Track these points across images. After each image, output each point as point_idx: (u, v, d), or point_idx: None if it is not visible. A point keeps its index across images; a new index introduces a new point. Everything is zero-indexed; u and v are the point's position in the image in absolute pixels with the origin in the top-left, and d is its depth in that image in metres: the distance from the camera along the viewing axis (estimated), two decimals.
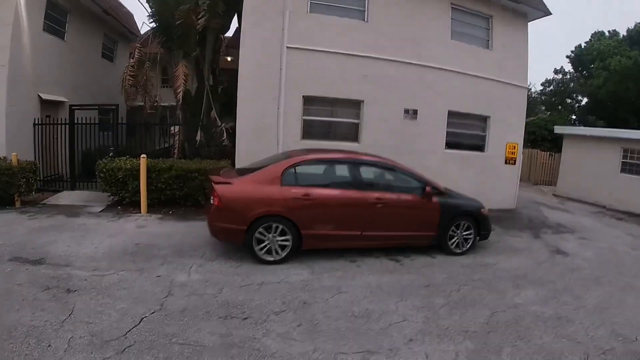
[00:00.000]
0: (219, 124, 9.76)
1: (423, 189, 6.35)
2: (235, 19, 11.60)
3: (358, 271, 5.74)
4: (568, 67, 27.77)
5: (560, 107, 26.87)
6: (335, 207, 5.91)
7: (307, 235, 5.73)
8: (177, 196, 8.17)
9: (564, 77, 28.22)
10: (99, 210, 8.22)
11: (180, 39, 9.85)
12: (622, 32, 25.90)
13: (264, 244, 5.58)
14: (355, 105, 9.48)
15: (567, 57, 27.88)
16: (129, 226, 7.20)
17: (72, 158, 10.16)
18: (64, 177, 10.27)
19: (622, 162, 14.39)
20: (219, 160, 8.84)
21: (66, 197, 9.24)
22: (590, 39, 25.77)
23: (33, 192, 8.72)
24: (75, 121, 9.98)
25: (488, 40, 10.92)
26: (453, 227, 6.53)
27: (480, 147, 11.19)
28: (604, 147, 14.86)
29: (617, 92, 21.17)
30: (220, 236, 5.76)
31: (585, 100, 25.04)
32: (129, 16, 15.97)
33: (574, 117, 25.54)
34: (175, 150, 9.99)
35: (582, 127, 17.75)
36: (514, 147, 11.57)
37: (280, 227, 5.58)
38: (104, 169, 8.09)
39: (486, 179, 10.66)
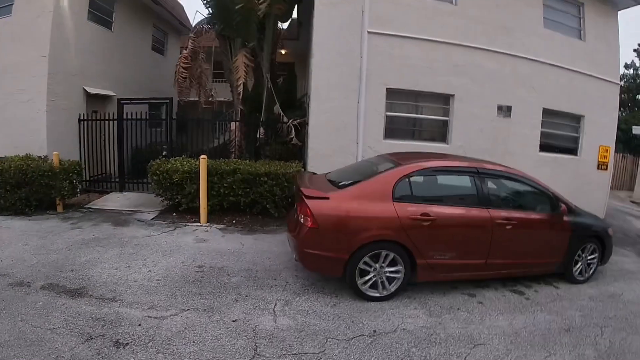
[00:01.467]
0: (285, 119, 8.63)
1: (554, 206, 5.24)
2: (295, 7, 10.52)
3: (483, 310, 4.59)
4: (637, 62, 25.69)
5: (631, 104, 24.86)
6: (458, 230, 4.68)
7: (423, 266, 4.52)
8: (242, 203, 7.07)
9: (637, 72, 25.94)
10: (151, 217, 7.25)
11: (239, 26, 8.73)
12: None
13: (368, 277, 4.41)
14: (443, 100, 8.20)
15: (635, 50, 26.04)
16: (187, 240, 6.14)
17: (120, 156, 9.26)
18: (111, 177, 9.42)
19: None
20: (286, 161, 7.70)
21: (114, 200, 8.36)
22: None
23: (78, 194, 7.94)
24: (125, 116, 9.08)
25: (580, 30, 9.60)
26: (579, 252, 5.50)
27: (572, 150, 9.96)
28: None
29: None
30: (311, 266, 4.54)
31: None
32: (180, 7, 15.19)
33: None
34: (234, 149, 8.93)
35: None
36: (607, 150, 10.31)
37: (391, 255, 4.39)
38: (158, 171, 7.10)
39: (579, 185, 9.35)
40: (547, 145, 9.38)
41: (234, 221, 7.12)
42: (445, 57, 7.84)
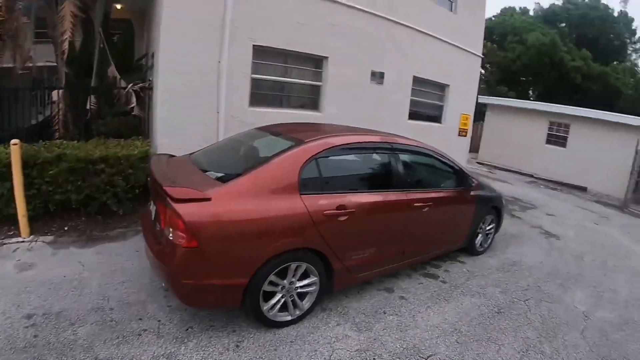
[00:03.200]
0: (123, 85, 6.57)
1: (464, 182, 4.81)
2: None
3: (409, 307, 3.89)
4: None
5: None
6: (377, 220, 3.71)
7: (340, 270, 3.46)
8: (74, 201, 5.05)
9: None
10: None
11: None
12: (530, 10, 27.58)
13: (275, 299, 3.18)
14: (317, 62, 7.13)
15: None
16: (6, 269, 3.89)
17: None
18: None
19: (548, 134, 14.93)
20: (126, 139, 5.80)
21: None
22: (500, 14, 26.96)
23: None
24: None
25: (452, 2, 9.73)
26: (480, 224, 5.30)
27: (437, 118, 10.20)
28: (531, 118, 15.48)
29: (531, 66, 22.22)
30: (194, 302, 3.04)
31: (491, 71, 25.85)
32: None
33: (482, 87, 26.35)
34: (57, 126, 6.59)
35: (509, 99, 18.42)
36: (467, 118, 10.99)
37: (303, 266, 3.22)
38: None
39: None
40: (415, 114, 9.27)
41: (66, 227, 4.97)
42: (322, 14, 6.77)
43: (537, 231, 7.39)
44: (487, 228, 5.52)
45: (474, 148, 16.97)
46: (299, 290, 3.26)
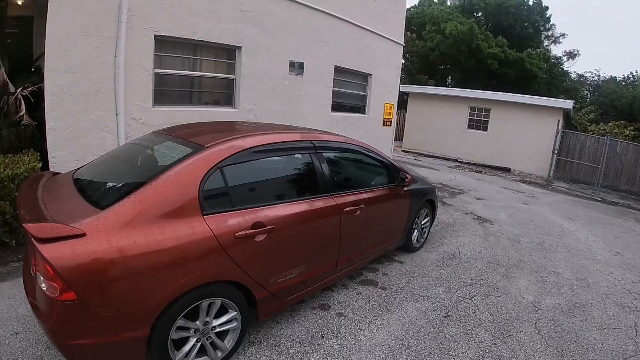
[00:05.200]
0: (12, 89, 5.46)
1: (395, 177, 4.39)
2: None
3: (350, 325, 3.44)
4: None
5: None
6: (303, 234, 3.15)
7: (265, 299, 2.90)
8: None
9: None
10: None
11: None
12: (448, 0, 28.19)
13: (190, 345, 2.55)
14: (229, 54, 6.40)
15: None
16: None
17: None
18: None
19: (469, 119, 15.39)
20: (16, 153, 4.84)
21: None
22: (418, 4, 27.27)
23: None
24: None
25: None
26: (415, 219, 5.01)
27: (361, 109, 9.93)
28: (453, 105, 15.87)
29: (449, 54, 22.76)
30: None
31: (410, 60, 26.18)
32: None
33: (402, 76, 26.71)
34: None
35: (431, 87, 18.76)
36: (391, 107, 10.92)
37: (218, 302, 2.61)
38: None
39: (367, 142, 9.40)
40: (338, 105, 8.92)
41: None
42: None
43: (470, 217, 7.37)
44: (423, 222, 5.26)
45: (398, 136, 17.22)
46: (217, 330, 2.66)
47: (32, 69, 6.96)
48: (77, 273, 2.03)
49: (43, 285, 2.07)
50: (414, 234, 5.07)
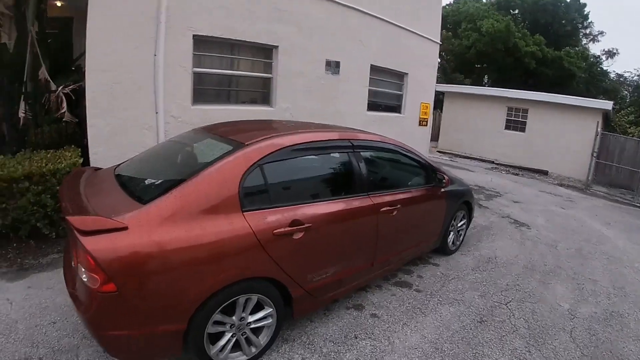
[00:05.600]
0: (53, 87, 5.70)
1: (433, 178, 4.32)
2: None
3: (383, 327, 3.39)
4: None
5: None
6: (340, 233, 3.14)
7: (300, 297, 2.90)
8: (0, 226, 4.25)
9: None
10: None
11: None
12: None
13: (225, 340, 2.58)
14: (266, 53, 6.48)
15: None
16: None
17: None
18: None
19: (507, 119, 14.99)
20: (58, 149, 5.04)
21: None
22: (453, 2, 26.91)
23: None
24: None
25: None
26: (452, 221, 4.90)
27: (396, 108, 9.81)
28: (489, 105, 15.49)
29: (486, 53, 22.29)
30: (123, 355, 2.32)
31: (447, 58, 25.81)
32: None
33: (438, 75, 26.40)
34: None
35: (467, 86, 18.41)
36: (427, 107, 10.73)
37: (254, 298, 2.64)
38: None
39: (404, 141, 9.34)
40: (374, 104, 8.84)
41: None
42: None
43: (507, 221, 7.16)
44: (459, 225, 5.14)
45: (434, 137, 16.91)
46: (252, 325, 2.68)
47: (72, 68, 7.26)
48: (118, 265, 2.08)
49: (84, 276, 2.12)
50: (450, 236, 4.96)
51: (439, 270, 4.65)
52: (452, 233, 4.98)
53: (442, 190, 4.40)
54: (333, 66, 7.43)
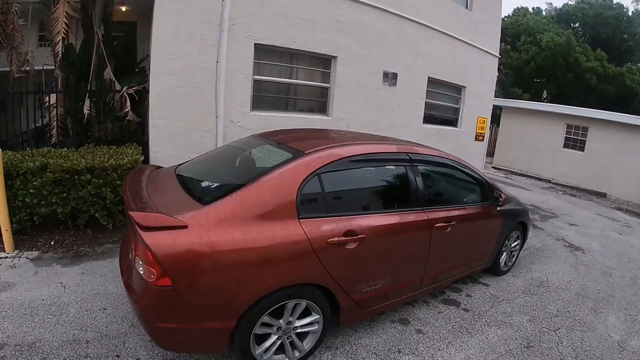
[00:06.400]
0: (118, 87, 6.11)
1: (489, 196, 4.21)
2: None
3: (428, 343, 3.34)
4: None
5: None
6: (393, 246, 3.15)
7: (348, 307, 2.93)
8: (60, 213, 4.58)
9: None
10: None
11: None
12: (543, 10, 26.87)
13: (270, 342, 2.66)
14: (325, 63, 6.60)
15: None
16: None
17: None
18: None
19: (565, 137, 14.33)
20: (120, 145, 5.37)
21: None
22: (512, 14, 26.24)
23: None
24: None
25: None
26: (505, 241, 4.75)
27: (453, 122, 9.61)
28: (548, 121, 14.90)
29: (545, 67, 21.51)
30: (171, 346, 2.46)
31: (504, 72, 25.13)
32: None
33: (495, 89, 25.66)
34: (53, 131, 6.18)
35: (526, 101, 17.79)
36: (484, 121, 10.37)
37: (303, 304, 2.73)
38: None
39: (459, 156, 9.12)
40: (430, 117, 8.71)
41: (52, 242, 4.54)
42: (329, 10, 6.24)
43: (561, 244, 6.87)
44: (512, 245, 4.97)
45: (489, 152, 16.44)
46: (298, 330, 2.74)
47: (136, 70, 7.72)
48: (176, 261, 2.20)
49: (141, 269, 2.25)
50: (503, 256, 4.81)
51: (488, 290, 4.52)
52: (504, 253, 4.83)
53: (498, 209, 4.28)
54: (390, 77, 7.42)
